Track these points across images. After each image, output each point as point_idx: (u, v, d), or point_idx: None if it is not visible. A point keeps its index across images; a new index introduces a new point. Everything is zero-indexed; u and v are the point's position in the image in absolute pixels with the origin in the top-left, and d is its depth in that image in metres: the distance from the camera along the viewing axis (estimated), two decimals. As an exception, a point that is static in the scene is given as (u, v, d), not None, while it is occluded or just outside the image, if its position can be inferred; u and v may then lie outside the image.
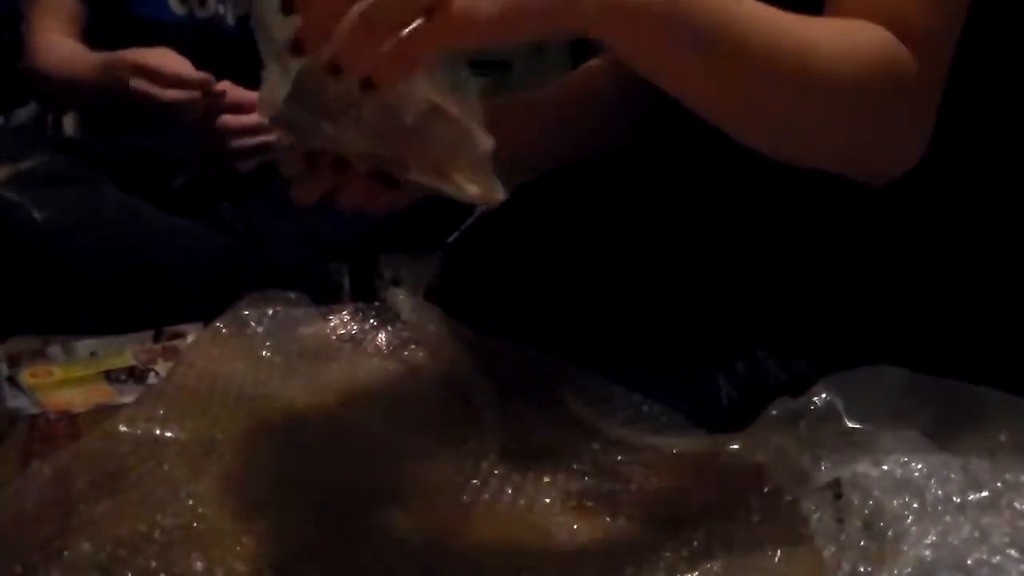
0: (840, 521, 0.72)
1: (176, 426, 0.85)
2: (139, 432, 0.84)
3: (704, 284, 0.95)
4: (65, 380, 1.20)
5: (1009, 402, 0.78)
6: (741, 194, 0.95)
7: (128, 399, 1.10)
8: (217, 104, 1.51)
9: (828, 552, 0.71)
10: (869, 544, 0.69)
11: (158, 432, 0.84)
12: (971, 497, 0.71)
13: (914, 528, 0.69)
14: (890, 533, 0.69)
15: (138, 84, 1.51)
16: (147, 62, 1.52)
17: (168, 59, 1.52)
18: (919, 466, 0.73)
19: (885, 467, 0.74)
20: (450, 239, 1.38)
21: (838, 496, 0.74)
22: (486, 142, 0.75)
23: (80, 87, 1.66)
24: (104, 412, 1.06)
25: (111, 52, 1.60)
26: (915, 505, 0.71)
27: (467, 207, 1.46)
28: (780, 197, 0.93)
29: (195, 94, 1.50)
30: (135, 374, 1.22)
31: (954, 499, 0.71)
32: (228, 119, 1.52)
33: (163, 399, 0.88)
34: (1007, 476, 0.72)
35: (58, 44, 1.71)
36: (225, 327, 0.97)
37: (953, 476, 0.72)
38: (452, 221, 1.47)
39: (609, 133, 1.04)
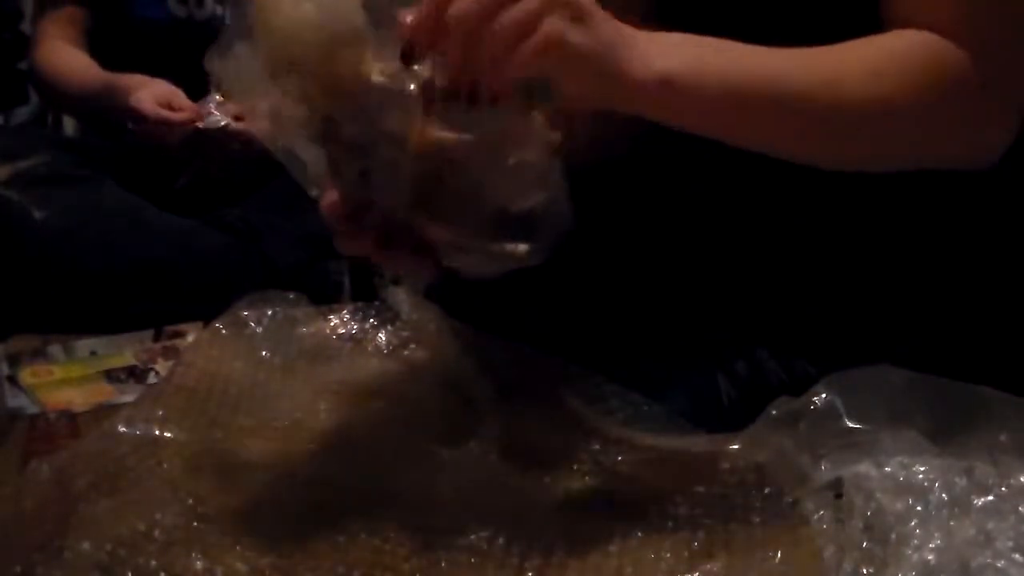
0: (840, 521, 0.72)
1: (176, 426, 0.85)
2: (139, 432, 0.84)
3: (704, 284, 0.95)
4: (65, 380, 1.20)
5: (1009, 402, 0.78)
6: (741, 195, 0.95)
7: (128, 399, 1.10)
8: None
9: (828, 552, 0.70)
10: (871, 546, 0.69)
11: (158, 432, 0.84)
12: (975, 501, 0.71)
13: (918, 531, 0.69)
14: (893, 536, 0.69)
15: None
16: (137, 88, 1.55)
17: (159, 87, 1.55)
18: (922, 468, 0.73)
19: (887, 469, 0.73)
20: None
21: (838, 496, 0.74)
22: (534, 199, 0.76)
23: (83, 100, 1.67)
24: (104, 412, 1.06)
25: (115, 75, 1.62)
26: (919, 508, 0.70)
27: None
28: (780, 198, 0.93)
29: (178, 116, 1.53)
30: (135, 374, 1.22)
31: (958, 503, 0.71)
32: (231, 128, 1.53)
33: (163, 399, 0.88)
34: (1011, 480, 0.72)
35: (66, 55, 1.72)
36: (225, 327, 0.97)
37: (957, 480, 0.72)
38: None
39: (609, 145, 1.04)
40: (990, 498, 0.71)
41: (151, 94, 1.54)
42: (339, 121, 0.75)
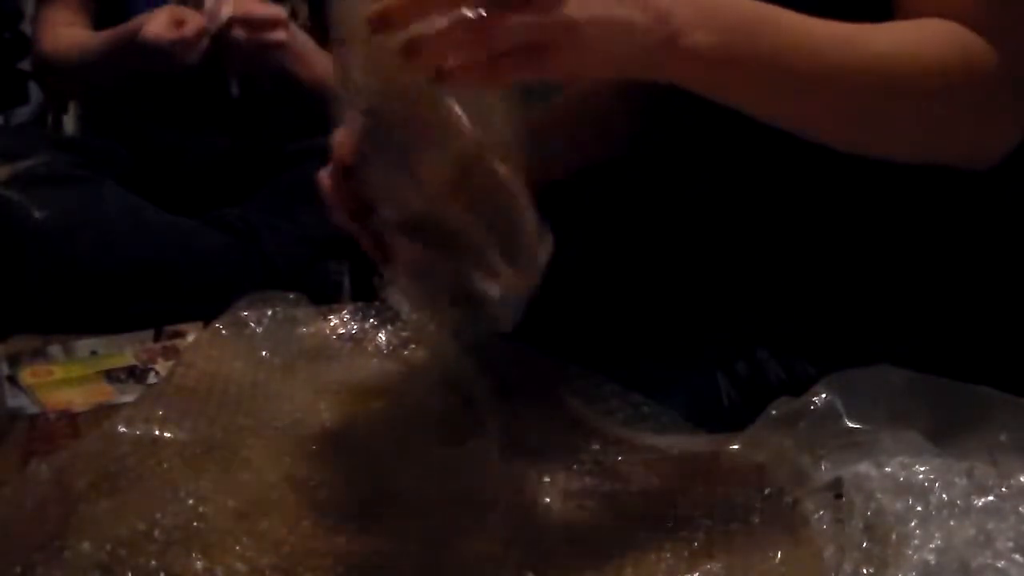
0: (840, 521, 0.72)
1: (176, 426, 0.85)
2: (138, 432, 0.84)
3: (705, 284, 0.95)
4: (65, 380, 1.20)
5: (1009, 402, 0.78)
6: (741, 196, 0.95)
7: (128, 399, 1.10)
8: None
9: (828, 552, 0.70)
10: (872, 546, 0.69)
11: (157, 432, 0.84)
12: (975, 501, 0.71)
13: (918, 531, 0.69)
14: (893, 536, 0.69)
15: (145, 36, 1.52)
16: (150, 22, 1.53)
17: (161, 15, 1.54)
18: (922, 469, 0.73)
19: (888, 469, 0.73)
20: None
21: (838, 496, 0.74)
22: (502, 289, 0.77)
23: (90, 67, 1.67)
24: (104, 412, 1.06)
25: (115, 28, 1.62)
26: (919, 508, 0.70)
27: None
28: (780, 198, 0.93)
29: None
30: (135, 374, 1.22)
31: (958, 503, 0.71)
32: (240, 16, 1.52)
33: (163, 399, 0.88)
34: (1011, 480, 0.72)
35: (66, 32, 1.72)
36: (225, 327, 0.97)
37: (957, 480, 0.72)
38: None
39: (609, 146, 1.04)
40: (990, 498, 0.71)
41: (155, 25, 1.53)
42: (377, 118, 0.76)
